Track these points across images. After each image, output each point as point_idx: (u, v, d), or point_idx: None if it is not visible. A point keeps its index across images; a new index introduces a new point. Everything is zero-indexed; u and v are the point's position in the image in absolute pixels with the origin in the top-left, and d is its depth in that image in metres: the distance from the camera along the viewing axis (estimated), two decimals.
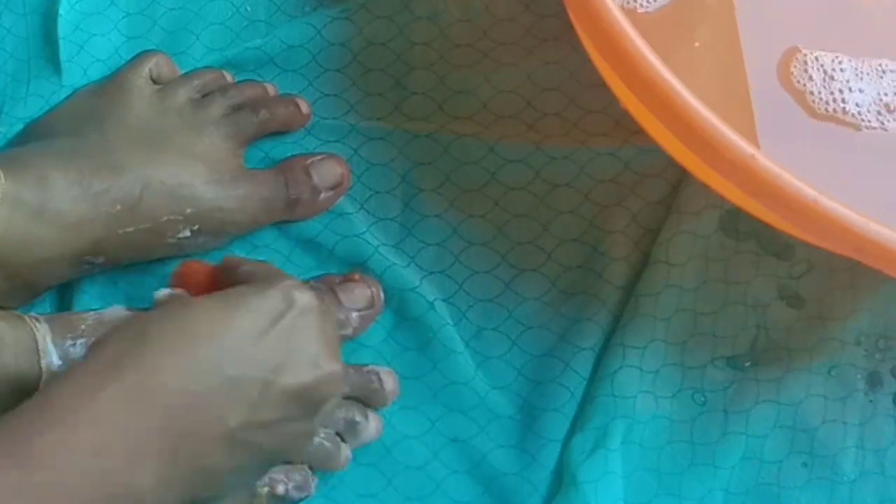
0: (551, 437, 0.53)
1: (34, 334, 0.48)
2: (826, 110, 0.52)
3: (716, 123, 0.40)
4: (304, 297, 0.43)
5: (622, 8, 0.53)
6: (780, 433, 0.52)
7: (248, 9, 0.60)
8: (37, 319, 0.49)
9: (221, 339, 0.40)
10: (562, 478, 0.52)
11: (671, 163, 0.54)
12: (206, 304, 0.41)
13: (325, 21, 0.59)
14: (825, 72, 0.52)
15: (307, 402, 0.43)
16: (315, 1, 0.60)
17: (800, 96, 0.53)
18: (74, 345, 0.49)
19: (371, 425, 0.52)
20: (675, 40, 0.55)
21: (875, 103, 0.52)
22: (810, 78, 0.52)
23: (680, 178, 0.55)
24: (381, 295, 0.55)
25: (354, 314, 0.53)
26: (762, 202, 0.42)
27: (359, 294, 0.54)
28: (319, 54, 0.59)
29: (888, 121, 0.52)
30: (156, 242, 0.53)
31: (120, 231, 0.52)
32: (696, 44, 0.54)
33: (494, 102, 0.57)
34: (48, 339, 0.49)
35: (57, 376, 0.47)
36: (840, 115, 0.52)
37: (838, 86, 0.52)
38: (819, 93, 0.52)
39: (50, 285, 0.53)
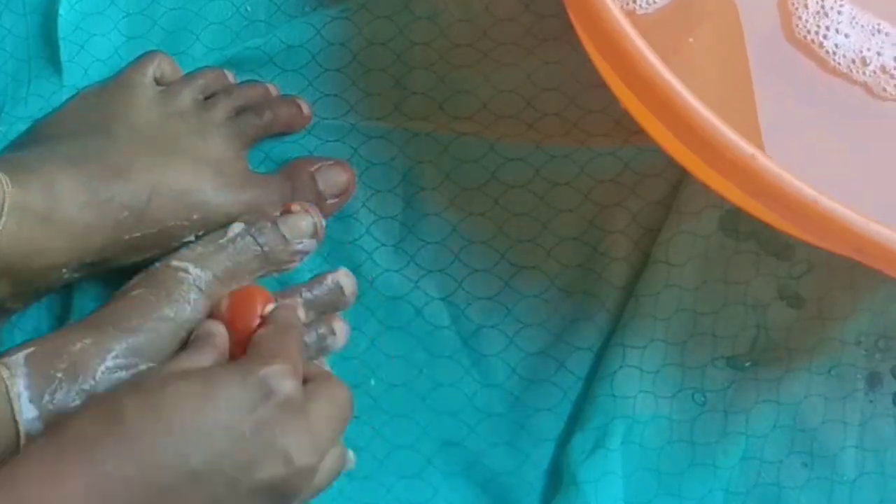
0: (543, 436, 0.53)
1: (7, 393, 0.46)
2: (804, 37, 0.52)
3: (716, 123, 0.40)
4: (285, 388, 0.42)
5: (621, 9, 0.53)
6: (780, 433, 0.52)
7: (248, 9, 0.60)
8: (8, 368, 0.47)
9: (192, 430, 0.39)
10: (555, 477, 0.52)
11: (671, 163, 0.54)
12: (184, 388, 0.41)
13: (324, 21, 0.59)
14: (822, 7, 0.52)
15: (276, 496, 0.42)
16: (315, 1, 0.60)
17: (786, 16, 0.53)
18: (52, 401, 0.47)
19: (339, 337, 0.52)
20: (674, 41, 0.55)
21: (853, 52, 0.52)
22: (805, 6, 0.53)
23: (680, 178, 0.55)
24: (324, 223, 0.54)
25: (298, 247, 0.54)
26: (762, 202, 0.42)
27: (302, 225, 0.54)
28: (319, 54, 0.59)
29: (858, 72, 0.52)
30: (160, 246, 0.53)
31: (126, 237, 0.52)
32: (690, 39, 0.54)
33: (494, 102, 0.57)
34: (24, 395, 0.46)
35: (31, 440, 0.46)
36: (815, 47, 0.52)
37: (827, 23, 0.52)
38: (805, 20, 0.52)
39: (52, 289, 0.53)
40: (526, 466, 0.53)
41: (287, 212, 0.54)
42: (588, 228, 0.55)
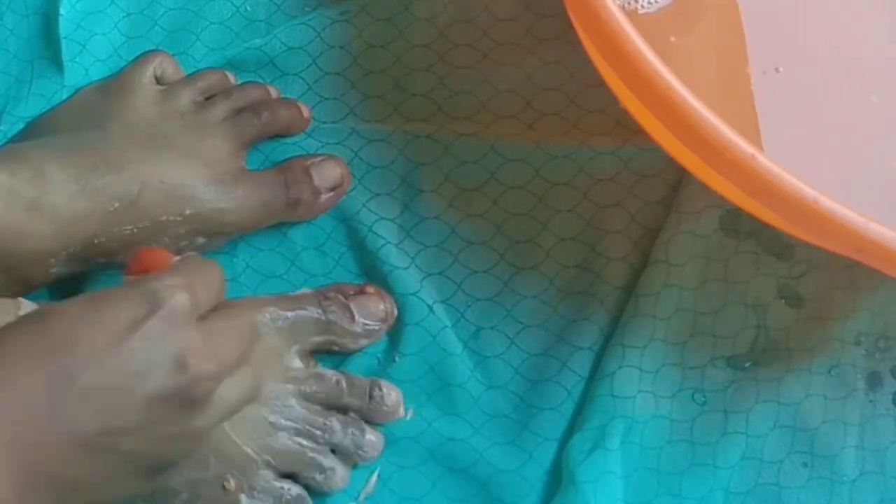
0: (548, 435, 0.53)
1: None
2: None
3: (716, 123, 0.40)
4: (175, 298, 0.40)
5: (623, 9, 0.53)
6: (780, 433, 0.52)
7: (248, 9, 0.60)
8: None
9: (74, 349, 0.38)
10: (559, 476, 0.52)
11: (671, 163, 0.54)
12: (64, 312, 0.40)
13: (325, 24, 0.59)
14: None
15: (177, 404, 0.40)
16: (315, 1, 0.60)
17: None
18: None
19: (367, 439, 0.52)
20: (676, 41, 0.55)
21: None
22: None
23: (680, 178, 0.55)
24: (395, 311, 0.55)
25: (366, 328, 0.54)
26: (762, 202, 0.42)
27: (373, 309, 0.54)
28: (319, 57, 0.59)
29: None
30: (154, 242, 0.53)
31: (117, 229, 0.52)
32: (672, 39, 0.54)
33: (494, 103, 0.58)
34: None
35: None
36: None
37: None
38: None
39: (45, 281, 0.53)
40: (528, 466, 0.53)
41: (361, 292, 0.55)
42: (586, 228, 0.55)
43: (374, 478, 0.53)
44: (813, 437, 0.52)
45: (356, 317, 0.54)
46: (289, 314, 0.53)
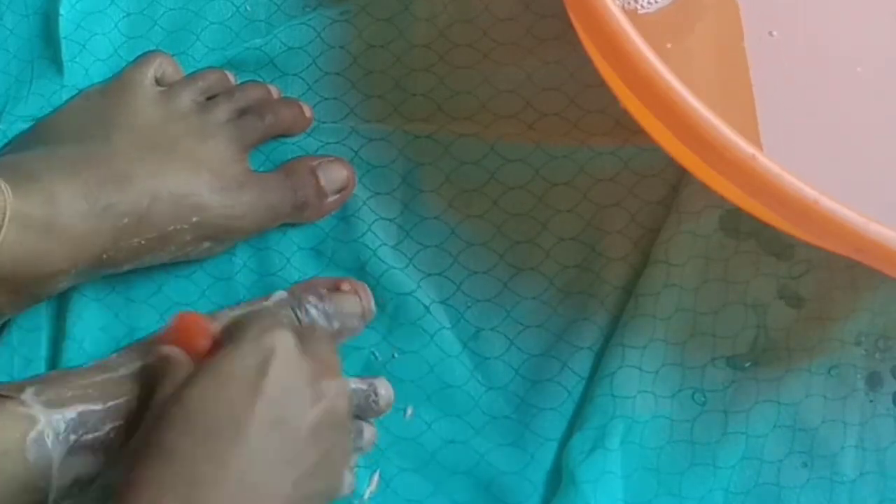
0: (549, 436, 0.53)
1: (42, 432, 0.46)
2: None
3: (716, 123, 0.40)
4: (281, 339, 0.43)
5: (623, 9, 0.53)
6: (780, 433, 0.52)
7: (248, 9, 0.60)
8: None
9: (241, 428, 0.41)
10: (560, 477, 0.52)
11: (671, 163, 0.54)
12: (200, 393, 0.42)
13: (325, 24, 0.59)
14: None
15: (332, 424, 0.44)
16: (315, 1, 0.60)
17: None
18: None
19: (365, 437, 0.52)
20: (676, 42, 0.55)
21: None
22: None
23: (680, 178, 0.55)
24: (373, 306, 0.55)
25: (344, 326, 0.54)
26: (762, 202, 0.42)
27: (348, 308, 0.54)
28: (319, 57, 0.59)
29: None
30: (160, 250, 0.53)
31: (125, 242, 0.51)
32: (668, 45, 0.54)
33: (494, 103, 0.58)
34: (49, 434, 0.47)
35: None
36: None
37: None
38: None
39: (51, 295, 0.53)
40: (530, 466, 0.53)
41: (336, 289, 0.54)
42: (587, 228, 0.55)
43: (377, 477, 0.53)
44: (813, 437, 0.52)
45: (332, 317, 0.53)
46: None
